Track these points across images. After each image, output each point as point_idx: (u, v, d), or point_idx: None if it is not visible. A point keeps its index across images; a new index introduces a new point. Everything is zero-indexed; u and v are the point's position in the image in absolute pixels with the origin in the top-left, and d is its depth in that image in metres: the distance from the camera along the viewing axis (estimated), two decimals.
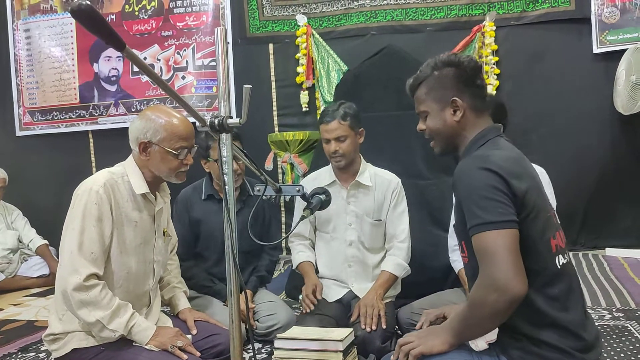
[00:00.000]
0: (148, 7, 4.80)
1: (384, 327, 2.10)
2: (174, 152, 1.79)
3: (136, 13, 4.83)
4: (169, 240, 2.07)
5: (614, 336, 2.35)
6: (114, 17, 4.84)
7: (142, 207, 1.85)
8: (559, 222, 1.41)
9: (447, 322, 1.43)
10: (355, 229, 2.38)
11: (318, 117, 4.50)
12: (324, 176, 2.44)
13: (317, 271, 2.50)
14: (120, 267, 1.79)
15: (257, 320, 2.44)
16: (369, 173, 2.40)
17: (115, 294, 1.76)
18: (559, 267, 1.31)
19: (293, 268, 2.52)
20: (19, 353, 2.54)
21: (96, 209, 1.71)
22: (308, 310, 2.20)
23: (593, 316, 1.59)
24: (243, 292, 2.08)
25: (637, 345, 2.24)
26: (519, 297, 1.19)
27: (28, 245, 4.15)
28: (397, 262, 2.34)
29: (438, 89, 1.45)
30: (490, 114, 1.59)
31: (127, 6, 4.85)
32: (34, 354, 2.51)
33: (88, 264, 1.69)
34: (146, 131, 1.79)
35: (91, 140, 4.98)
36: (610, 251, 4.07)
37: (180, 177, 1.87)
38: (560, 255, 1.32)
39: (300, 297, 2.29)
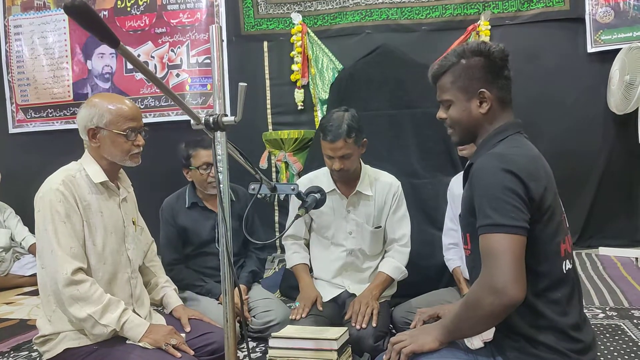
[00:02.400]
0: (140, 3, 4.78)
1: (374, 325, 2.09)
2: (122, 133, 1.80)
3: (128, 9, 4.81)
4: (141, 231, 2.07)
5: (608, 335, 2.35)
6: (106, 13, 4.81)
7: (106, 196, 1.85)
8: (568, 226, 1.39)
9: (440, 320, 1.43)
10: (356, 238, 2.34)
11: (313, 115, 4.55)
12: (322, 182, 2.32)
13: (310, 270, 2.50)
14: (97, 260, 1.79)
15: (254, 317, 2.45)
16: (369, 179, 2.35)
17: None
18: (565, 272, 1.30)
19: (287, 267, 2.51)
20: (12, 352, 2.52)
21: (61, 206, 1.71)
22: (297, 319, 2.15)
23: (587, 315, 1.60)
24: (236, 287, 2.10)
25: (631, 344, 2.25)
26: (515, 303, 1.19)
27: (20, 244, 4.13)
28: (395, 265, 2.33)
29: (465, 78, 1.40)
30: None
31: (119, 2, 4.82)
32: (26, 352, 2.50)
33: (71, 259, 1.69)
34: (92, 117, 1.80)
35: None
36: (603, 250, 4.08)
37: (134, 160, 1.87)
38: (567, 260, 1.32)
39: (297, 304, 2.24)
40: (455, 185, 2.43)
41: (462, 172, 1.39)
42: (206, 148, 2.49)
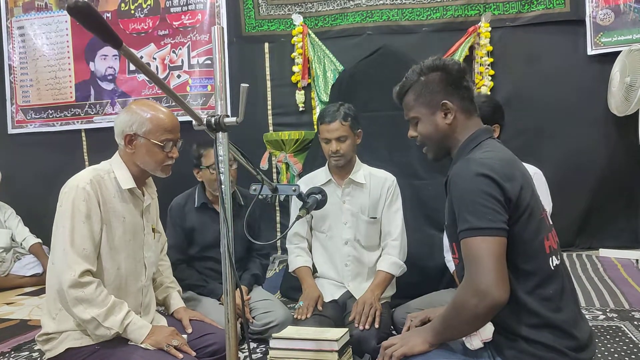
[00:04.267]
0: (144, 6, 4.79)
1: (377, 326, 2.11)
2: (159, 144, 1.80)
3: (132, 12, 4.82)
4: (159, 237, 2.07)
5: (608, 337, 2.36)
6: (109, 15, 4.82)
7: (130, 202, 1.85)
8: (551, 223, 1.42)
9: (430, 323, 1.45)
10: (351, 227, 2.39)
11: (314, 116, 4.56)
12: (320, 176, 2.46)
13: (314, 271, 2.51)
14: (111, 264, 1.78)
15: (254, 318, 2.46)
16: (364, 172, 2.43)
17: (108, 292, 1.75)
18: (553, 267, 1.32)
19: (289, 271, 2.51)
20: (12, 352, 2.52)
21: (84, 205, 1.71)
22: (302, 318, 2.18)
23: (587, 317, 1.61)
24: (238, 288, 2.10)
25: (631, 345, 2.25)
26: (499, 304, 1.21)
27: (21, 244, 4.13)
28: (392, 260, 2.35)
29: (426, 94, 1.45)
30: (488, 114, 1.60)
31: (123, 4, 4.83)
32: (27, 352, 2.50)
33: (81, 261, 1.69)
34: (132, 124, 1.80)
35: (84, 139, 4.96)
36: (604, 252, 4.09)
37: (165, 171, 1.87)
38: (554, 256, 1.34)
39: (300, 303, 2.26)
40: None
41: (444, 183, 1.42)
42: None
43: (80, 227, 1.70)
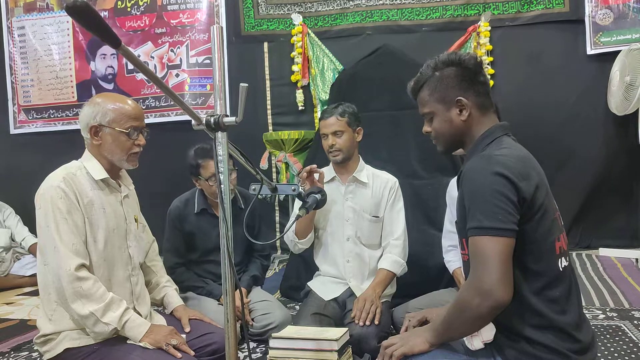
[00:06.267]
0: (140, 4, 4.79)
1: (377, 323, 2.11)
2: (124, 131, 1.81)
3: (129, 9, 4.82)
4: (143, 228, 2.07)
5: (608, 336, 2.35)
6: (106, 13, 4.83)
7: (107, 193, 1.86)
8: (562, 224, 1.40)
9: (430, 323, 1.44)
10: (353, 225, 2.40)
11: (313, 116, 4.56)
12: (325, 173, 2.42)
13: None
14: (97, 256, 1.79)
15: (253, 320, 2.44)
16: (367, 172, 2.46)
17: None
18: (561, 269, 1.31)
19: (291, 239, 2.46)
20: (12, 352, 2.52)
21: (62, 203, 1.72)
22: (304, 175, 2.22)
23: (587, 316, 1.61)
24: (237, 290, 2.09)
25: (631, 345, 2.25)
26: (501, 304, 1.20)
27: (21, 244, 4.13)
28: (393, 259, 2.36)
29: (441, 89, 1.42)
30: None
31: (119, 2, 4.83)
32: (26, 353, 2.50)
33: (73, 255, 1.70)
34: (95, 115, 1.81)
35: None
36: (603, 251, 4.09)
37: (132, 161, 1.87)
38: (563, 258, 1.32)
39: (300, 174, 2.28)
40: (454, 187, 2.43)
41: (456, 178, 1.40)
42: None
43: (64, 224, 1.71)
